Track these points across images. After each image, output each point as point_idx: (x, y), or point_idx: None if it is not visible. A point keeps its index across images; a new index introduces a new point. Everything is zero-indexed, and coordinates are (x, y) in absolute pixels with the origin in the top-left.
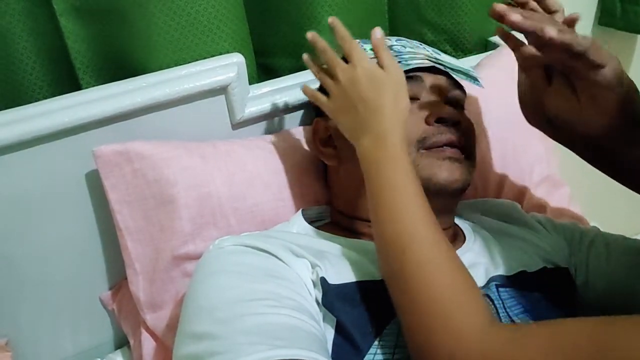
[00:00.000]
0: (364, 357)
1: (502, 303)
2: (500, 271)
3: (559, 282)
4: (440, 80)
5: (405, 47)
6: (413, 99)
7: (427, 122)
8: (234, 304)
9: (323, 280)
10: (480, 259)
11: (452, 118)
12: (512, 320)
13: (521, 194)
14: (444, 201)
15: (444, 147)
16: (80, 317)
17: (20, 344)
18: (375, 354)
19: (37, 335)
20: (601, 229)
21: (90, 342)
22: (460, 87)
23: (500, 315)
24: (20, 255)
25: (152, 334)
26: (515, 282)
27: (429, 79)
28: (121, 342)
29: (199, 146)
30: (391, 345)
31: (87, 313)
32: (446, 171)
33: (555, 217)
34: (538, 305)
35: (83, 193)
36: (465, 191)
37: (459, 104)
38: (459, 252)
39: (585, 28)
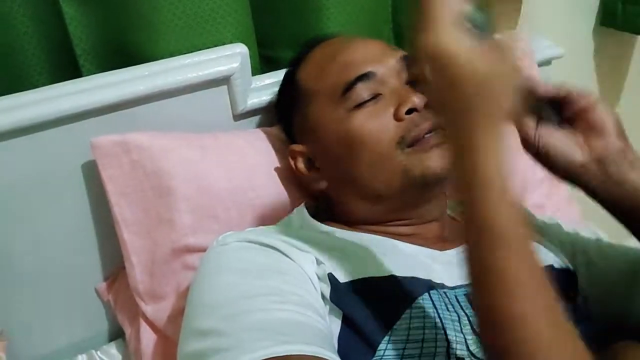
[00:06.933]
0: (374, 352)
1: None
2: None
3: (563, 281)
4: (390, 66)
5: None
6: (374, 97)
7: (397, 118)
8: (239, 300)
9: (331, 277)
10: None
11: (421, 106)
12: None
13: (522, 193)
14: (439, 188)
15: (425, 136)
16: (75, 308)
17: (15, 334)
18: (385, 349)
19: (32, 326)
20: (599, 229)
21: (84, 334)
22: (410, 61)
23: None
24: (15, 244)
25: (152, 325)
26: None
27: (381, 70)
28: (116, 334)
29: (199, 138)
30: (402, 340)
31: (82, 304)
32: (438, 160)
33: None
34: None
35: (80, 182)
36: None
37: (419, 80)
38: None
39: (586, 29)
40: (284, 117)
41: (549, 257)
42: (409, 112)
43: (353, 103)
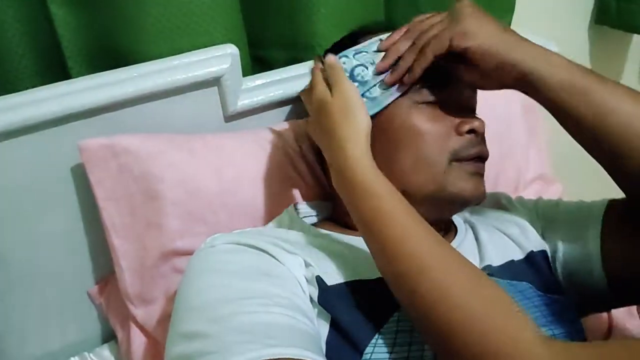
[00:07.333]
0: (361, 355)
1: None
2: (490, 262)
3: (543, 264)
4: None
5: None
6: (440, 103)
7: (458, 132)
8: (226, 303)
9: (319, 279)
10: (471, 251)
11: (482, 130)
12: None
13: (515, 191)
14: (458, 210)
15: (473, 160)
16: (68, 311)
17: (7, 337)
18: (372, 352)
19: (25, 328)
20: None
21: (77, 336)
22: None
23: None
24: (7, 247)
25: (142, 328)
26: (505, 272)
27: (451, 84)
28: (108, 336)
29: (187, 140)
30: (389, 343)
31: (75, 307)
32: (474, 187)
33: None
34: (527, 295)
35: (71, 185)
36: None
37: (474, 109)
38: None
39: (581, 26)
40: None
41: (527, 245)
42: (469, 131)
43: (421, 98)
